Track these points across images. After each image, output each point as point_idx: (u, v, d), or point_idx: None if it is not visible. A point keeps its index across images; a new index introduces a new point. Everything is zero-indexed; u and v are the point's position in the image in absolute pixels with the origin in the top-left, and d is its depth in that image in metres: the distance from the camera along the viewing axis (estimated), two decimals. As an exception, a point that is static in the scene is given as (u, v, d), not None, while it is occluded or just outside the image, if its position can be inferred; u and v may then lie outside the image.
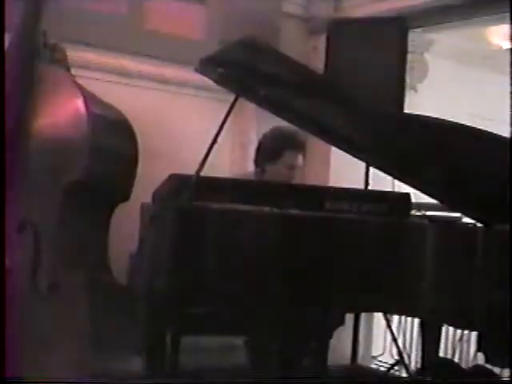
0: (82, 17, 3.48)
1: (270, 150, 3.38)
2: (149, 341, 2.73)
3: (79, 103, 2.24)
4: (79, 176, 2.14)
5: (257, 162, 3.43)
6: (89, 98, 2.30)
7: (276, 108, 2.78)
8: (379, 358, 4.24)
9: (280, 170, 3.35)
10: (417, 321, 3.65)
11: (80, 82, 2.64)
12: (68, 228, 2.13)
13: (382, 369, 4.13)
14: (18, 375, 1.97)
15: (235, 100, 2.61)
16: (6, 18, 2.41)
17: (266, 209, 2.59)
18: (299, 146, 3.36)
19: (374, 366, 4.26)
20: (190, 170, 2.54)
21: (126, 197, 2.41)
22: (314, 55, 4.18)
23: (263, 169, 3.40)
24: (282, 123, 3.15)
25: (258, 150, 3.44)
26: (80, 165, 2.15)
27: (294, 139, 3.34)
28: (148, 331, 2.73)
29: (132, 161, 2.40)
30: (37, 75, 2.33)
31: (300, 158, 3.37)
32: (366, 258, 2.67)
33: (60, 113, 2.26)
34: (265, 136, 3.46)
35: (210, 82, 2.73)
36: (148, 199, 2.84)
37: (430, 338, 3.07)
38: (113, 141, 2.35)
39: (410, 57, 3.88)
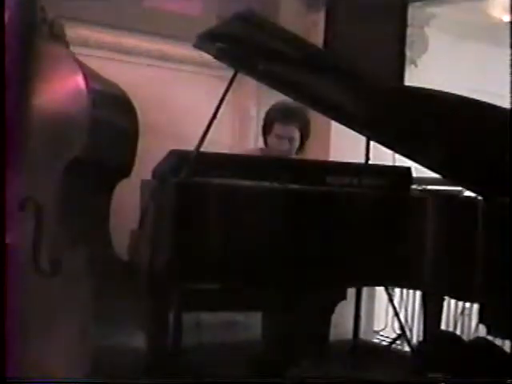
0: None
1: (264, 123, 3.49)
2: (150, 317, 2.75)
3: (78, 79, 2.23)
4: (79, 152, 2.14)
5: (263, 137, 3.52)
6: (88, 73, 2.29)
7: (275, 83, 2.77)
8: (381, 333, 4.26)
9: (273, 141, 3.42)
10: (418, 295, 3.66)
11: (79, 59, 2.64)
12: (69, 204, 2.13)
13: (384, 343, 4.15)
14: (19, 356, 1.97)
15: (234, 75, 2.59)
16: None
17: (267, 183, 2.59)
18: (289, 118, 3.40)
19: (376, 341, 4.28)
20: (191, 146, 2.53)
21: (126, 173, 2.41)
22: (313, 31, 4.14)
23: (266, 143, 3.50)
24: (283, 98, 3.17)
25: (262, 125, 3.52)
26: (80, 140, 2.14)
27: (283, 111, 3.40)
28: (150, 308, 2.75)
29: (132, 136, 2.39)
30: (36, 51, 2.32)
31: (291, 130, 3.41)
32: (366, 231, 2.68)
33: (59, 89, 2.25)
34: (266, 112, 3.53)
35: (210, 59, 2.72)
36: (148, 176, 2.85)
37: (431, 312, 3.09)
38: (112, 116, 2.34)
39: (409, 31, 3.86)
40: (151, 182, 2.77)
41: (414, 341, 3.69)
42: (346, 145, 3.76)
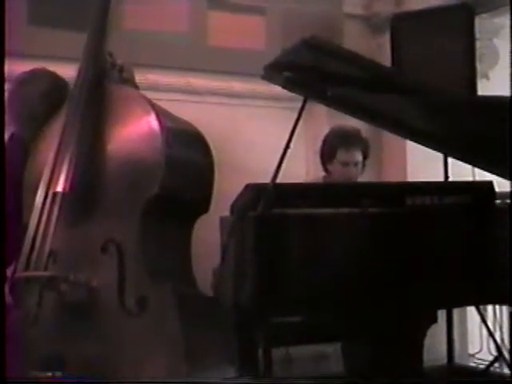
0: (145, 38, 3.54)
1: (326, 150, 3.48)
2: (240, 353, 2.72)
3: (151, 118, 2.25)
4: (157, 190, 2.15)
5: (323, 165, 3.51)
6: (160, 112, 2.31)
7: (345, 107, 2.75)
8: (477, 356, 4.14)
9: (337, 168, 3.41)
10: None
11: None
12: (151, 243, 2.14)
13: (481, 366, 4.02)
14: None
15: (304, 103, 2.57)
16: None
17: (346, 210, 2.55)
18: (351, 143, 3.41)
19: (472, 365, 4.15)
20: (266, 179, 2.53)
21: (205, 208, 2.41)
22: (378, 53, 4.12)
23: (327, 170, 3.49)
24: (354, 123, 3.14)
25: (320, 153, 3.51)
26: (157, 179, 2.16)
27: (344, 137, 3.42)
28: (238, 343, 2.73)
29: (208, 170, 2.40)
30: (107, 95, 2.36)
31: (354, 155, 3.41)
32: (454, 250, 2.61)
33: (133, 130, 2.28)
34: (323, 139, 3.53)
35: (279, 92, 2.72)
36: (226, 213, 2.85)
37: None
38: (188, 153, 2.35)
39: (478, 44, 3.79)
40: (230, 218, 2.77)
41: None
42: (423, 163, 3.69)
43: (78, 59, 2.57)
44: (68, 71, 2.71)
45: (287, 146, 2.53)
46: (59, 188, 2.22)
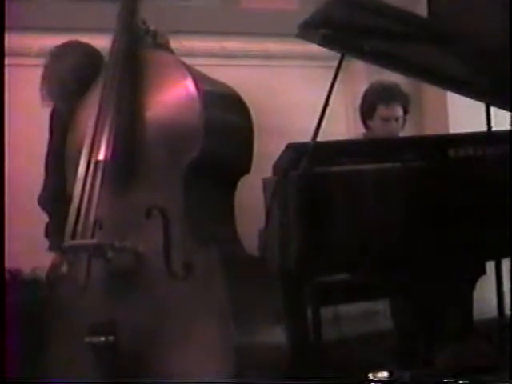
0: (178, 4, 3.53)
1: (366, 106, 3.46)
2: (288, 313, 2.73)
3: (188, 82, 2.24)
4: (197, 153, 2.14)
5: (363, 121, 3.49)
6: (197, 75, 2.30)
7: (383, 61, 2.71)
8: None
9: (378, 124, 3.39)
10: None
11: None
12: (194, 206, 2.14)
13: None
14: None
15: (341, 59, 2.55)
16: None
17: (389, 165, 2.54)
18: (391, 98, 3.38)
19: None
20: (306, 138, 2.51)
21: (247, 169, 2.41)
22: (414, 4, 4.04)
23: (367, 126, 3.47)
24: (393, 77, 3.11)
25: (360, 109, 3.49)
26: (197, 142, 2.15)
27: (384, 92, 3.39)
28: (287, 304, 2.73)
29: (248, 132, 2.39)
30: (142, 62, 2.36)
31: (395, 110, 3.39)
32: (499, 200, 2.58)
33: (171, 95, 2.27)
34: (362, 95, 3.50)
35: (314, 51, 2.70)
36: (269, 175, 2.84)
37: None
38: (226, 114, 2.34)
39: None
40: (273, 179, 2.77)
41: None
42: (464, 115, 3.64)
43: (111, 29, 2.57)
44: (102, 42, 2.71)
45: (326, 104, 2.51)
46: (101, 157, 2.23)
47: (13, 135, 2.90)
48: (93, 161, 2.25)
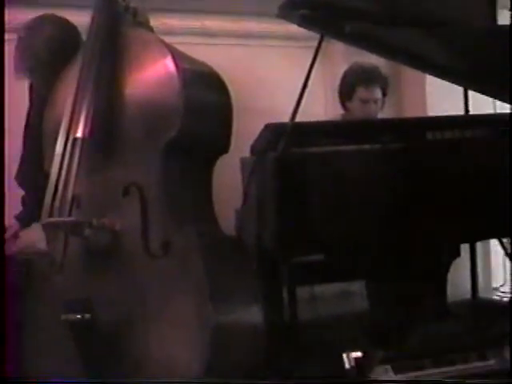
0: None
1: (345, 88, 3.46)
2: (264, 293, 2.75)
3: (168, 60, 2.23)
4: (176, 132, 2.14)
5: (341, 103, 3.49)
6: (177, 54, 2.29)
7: (363, 43, 2.71)
8: (501, 289, 4.15)
9: (357, 106, 3.39)
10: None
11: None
12: (172, 185, 2.14)
13: (504, 299, 4.03)
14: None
15: (321, 40, 2.55)
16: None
17: (367, 146, 2.54)
18: (371, 80, 3.39)
19: (496, 298, 4.17)
20: (285, 119, 2.51)
21: (225, 148, 2.40)
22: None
23: (346, 108, 3.47)
24: (372, 60, 3.11)
25: (339, 90, 3.49)
26: (176, 121, 2.14)
27: (364, 74, 3.40)
28: (262, 284, 2.75)
29: (227, 111, 2.38)
30: (122, 39, 2.34)
31: (374, 92, 3.40)
32: (475, 184, 2.60)
33: (150, 73, 2.26)
34: (342, 77, 3.50)
35: (294, 31, 2.69)
36: (246, 154, 2.85)
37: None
38: (206, 93, 2.33)
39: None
40: (250, 159, 2.77)
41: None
42: (443, 98, 3.65)
43: (91, 6, 2.55)
44: (82, 19, 2.69)
45: (305, 85, 2.51)
46: (79, 134, 2.22)
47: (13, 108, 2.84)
48: (71, 138, 2.24)
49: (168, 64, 2.22)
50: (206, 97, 2.32)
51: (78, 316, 2.01)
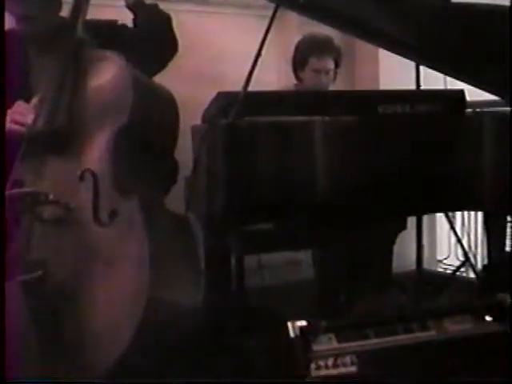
0: None
1: (298, 58, 3.47)
2: (213, 262, 2.76)
3: (122, 62, 2.24)
4: (126, 122, 2.17)
5: (294, 73, 3.51)
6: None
7: (318, 14, 2.70)
8: (445, 261, 4.23)
9: (309, 76, 3.41)
10: (480, 219, 3.61)
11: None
12: (121, 158, 2.16)
13: (448, 272, 4.12)
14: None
15: (275, 10, 2.54)
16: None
17: (318, 118, 2.55)
18: (323, 50, 3.40)
19: (440, 270, 4.25)
20: (238, 87, 2.51)
21: (171, 146, 2.43)
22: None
23: (299, 78, 3.49)
24: (326, 31, 3.11)
25: (292, 60, 3.50)
26: (126, 111, 2.17)
27: (317, 44, 3.41)
28: (211, 252, 2.76)
29: (172, 123, 2.42)
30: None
31: (326, 62, 3.41)
32: (423, 157, 2.63)
33: (105, 76, 2.25)
34: (295, 47, 3.51)
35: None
36: (198, 122, 2.84)
37: (495, 234, 3.04)
38: (154, 97, 2.37)
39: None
40: (201, 126, 2.76)
41: (479, 267, 3.65)
42: (395, 72, 3.68)
43: None
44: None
45: (258, 54, 2.50)
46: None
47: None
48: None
49: (122, 64, 2.25)
50: (153, 91, 2.36)
51: (33, 274, 2.02)
